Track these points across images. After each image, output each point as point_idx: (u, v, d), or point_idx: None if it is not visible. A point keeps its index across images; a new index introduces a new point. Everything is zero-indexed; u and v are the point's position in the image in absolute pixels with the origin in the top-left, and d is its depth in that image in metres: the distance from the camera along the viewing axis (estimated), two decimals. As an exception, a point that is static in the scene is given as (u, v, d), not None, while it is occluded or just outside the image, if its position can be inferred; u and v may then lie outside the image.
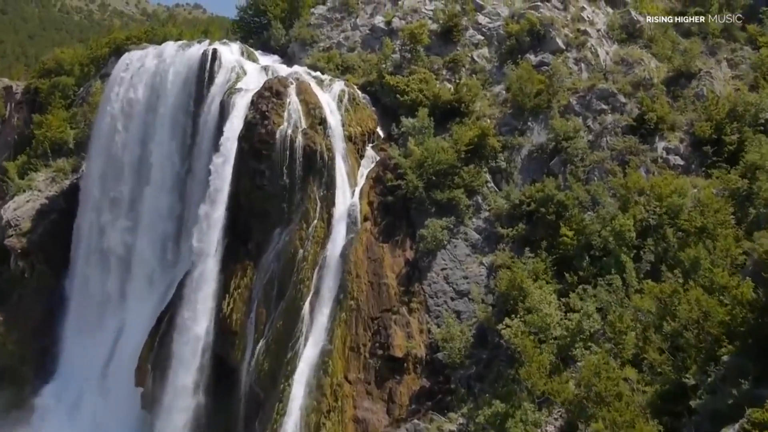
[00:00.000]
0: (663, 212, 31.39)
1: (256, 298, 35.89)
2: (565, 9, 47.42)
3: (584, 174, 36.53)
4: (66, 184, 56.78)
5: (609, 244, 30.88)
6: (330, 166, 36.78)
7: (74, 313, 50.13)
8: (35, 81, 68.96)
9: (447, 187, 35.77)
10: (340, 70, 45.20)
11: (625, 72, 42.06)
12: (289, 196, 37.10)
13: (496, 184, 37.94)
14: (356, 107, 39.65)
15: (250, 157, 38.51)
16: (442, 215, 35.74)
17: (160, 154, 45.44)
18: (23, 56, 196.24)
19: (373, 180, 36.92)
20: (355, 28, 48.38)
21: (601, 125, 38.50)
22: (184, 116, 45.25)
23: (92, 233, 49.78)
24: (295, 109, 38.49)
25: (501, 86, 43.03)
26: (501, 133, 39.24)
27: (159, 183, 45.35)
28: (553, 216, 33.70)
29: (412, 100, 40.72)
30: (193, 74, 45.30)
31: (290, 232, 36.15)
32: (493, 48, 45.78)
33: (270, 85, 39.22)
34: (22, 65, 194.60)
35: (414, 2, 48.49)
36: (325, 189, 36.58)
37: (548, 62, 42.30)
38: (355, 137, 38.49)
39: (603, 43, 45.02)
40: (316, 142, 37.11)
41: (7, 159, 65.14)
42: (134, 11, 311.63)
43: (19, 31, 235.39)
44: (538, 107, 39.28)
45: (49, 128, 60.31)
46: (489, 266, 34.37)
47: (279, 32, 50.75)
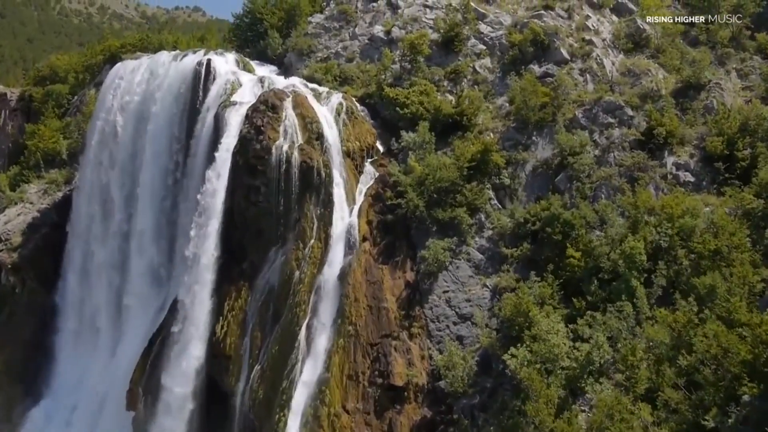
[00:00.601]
0: (675, 233, 30.02)
1: (251, 321, 34.58)
2: (570, 18, 46.14)
3: (591, 191, 35.19)
4: (58, 197, 55.49)
5: (618, 267, 29.54)
6: (327, 184, 35.47)
7: (67, 330, 48.97)
8: (30, 88, 67.77)
9: (449, 206, 34.44)
10: (338, 82, 43.90)
11: (632, 83, 40.73)
12: (285, 214, 35.80)
13: (500, 201, 36.61)
14: (355, 121, 38.33)
15: (245, 173, 37.25)
16: (443, 235, 34.42)
17: (153, 168, 44.20)
18: (21, 60, 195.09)
19: (372, 198, 35.59)
20: (353, 38, 47.07)
21: (608, 139, 37.16)
22: (177, 129, 44.04)
23: (84, 248, 48.55)
24: (291, 123, 37.20)
25: (504, 98, 41.72)
26: (504, 148, 37.92)
27: (152, 197, 44.12)
28: (559, 236, 32.36)
29: (412, 113, 39.41)
30: (186, 86, 44.10)
31: (286, 252, 34.83)
32: (495, 58, 44.48)
33: (265, 99, 37.93)
34: (20, 69, 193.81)
35: (414, 11, 47.18)
36: (322, 207, 35.27)
37: (553, 73, 41.00)
38: (353, 153, 37.18)
39: (609, 53, 43.71)
40: (313, 158, 35.80)
41: (2, 167, 64.18)
42: (133, 14, 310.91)
43: (17, 34, 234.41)
44: (542, 121, 37.97)
45: (42, 139, 59.08)
46: (493, 288, 33.03)
47: (275, 42, 49.45)
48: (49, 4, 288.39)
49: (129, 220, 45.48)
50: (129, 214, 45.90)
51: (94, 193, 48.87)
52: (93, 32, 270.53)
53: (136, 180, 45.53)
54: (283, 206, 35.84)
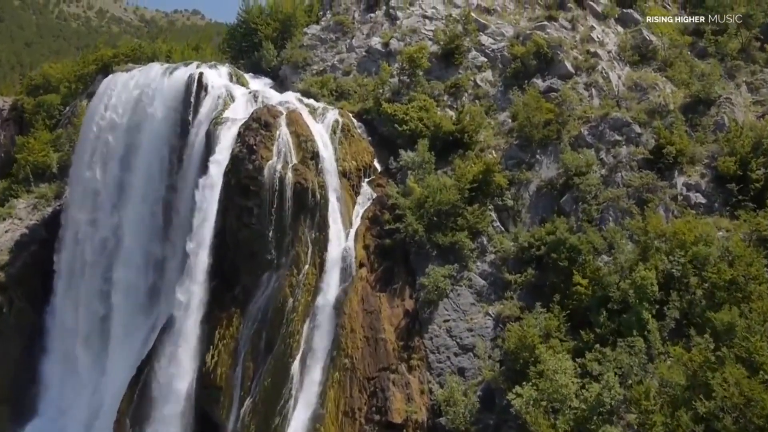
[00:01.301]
0: (687, 261, 28.49)
1: (243, 350, 33.04)
2: (574, 29, 44.66)
3: (598, 213, 33.69)
4: (48, 212, 53.96)
5: (629, 297, 28.01)
6: (322, 206, 33.98)
7: (55, 351, 47.39)
8: (22, 97, 66.29)
9: (449, 229, 32.95)
10: (335, 96, 42.40)
11: (639, 98, 39.25)
12: (279, 237, 34.28)
13: (503, 222, 35.11)
14: (351, 139, 36.83)
15: (237, 194, 35.74)
16: (444, 260, 32.92)
17: (144, 186, 42.70)
18: (18, 65, 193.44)
19: (369, 221, 34.09)
20: (350, 50, 45.57)
21: (615, 158, 35.66)
22: (168, 146, 42.54)
23: (73, 266, 46.99)
24: (285, 141, 35.71)
25: (506, 113, 40.23)
26: (507, 167, 36.42)
27: (142, 215, 42.59)
28: (565, 262, 30.86)
29: (411, 130, 37.91)
30: (178, 101, 42.61)
31: (279, 278, 33.32)
32: (497, 71, 42.98)
33: (258, 116, 36.43)
34: (17, 75, 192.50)
35: (413, 22, 45.70)
36: (317, 231, 33.77)
37: (557, 88, 39.51)
38: (349, 173, 35.68)
39: (614, 65, 42.22)
40: (308, 179, 34.31)
41: None
42: (132, 18, 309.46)
43: (15, 39, 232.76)
44: (546, 138, 36.51)
45: (31, 152, 57.59)
46: (495, 317, 31.52)
47: (270, 54, 47.97)
48: (48, 7, 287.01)
49: (118, 239, 43.91)
50: (118, 232, 44.39)
51: (83, 209, 47.33)
52: (91, 36, 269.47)
53: (126, 197, 44.06)
54: (277, 229, 34.33)
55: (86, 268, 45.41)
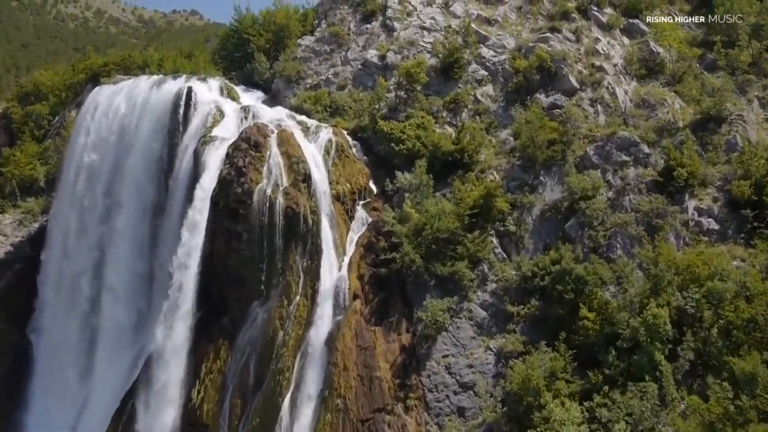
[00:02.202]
0: (702, 297, 26.76)
1: (231, 385, 31.35)
2: (578, 41, 42.89)
3: (605, 239, 31.97)
4: (34, 228, 52.16)
5: (639, 336, 26.27)
6: (314, 232, 32.27)
7: (41, 376, 45.48)
8: (13, 105, 64.53)
9: (448, 258, 31.22)
10: (329, 112, 40.65)
11: (647, 115, 37.53)
12: (269, 264, 32.59)
13: (504, 248, 33.37)
14: (345, 160, 35.13)
15: (226, 217, 34.10)
16: (442, 289, 31.21)
17: (130, 206, 40.96)
18: (14, 68, 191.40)
19: (364, 248, 32.38)
20: (345, 63, 43.81)
21: (622, 180, 33.93)
22: (156, 164, 40.81)
23: (59, 287, 45.30)
24: (275, 163, 34.03)
25: (508, 131, 38.50)
26: (509, 189, 34.70)
27: (128, 236, 40.80)
28: (571, 294, 29.17)
29: (408, 150, 36.20)
30: (166, 116, 40.89)
31: (269, 310, 31.62)
32: (498, 85, 41.24)
33: (248, 136, 34.73)
34: (13, 77, 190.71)
35: (411, 33, 43.93)
36: (309, 259, 32.06)
37: (561, 105, 37.79)
38: (343, 196, 33.96)
39: (621, 80, 40.47)
40: (299, 204, 32.59)
41: None
42: (130, 18, 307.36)
43: (12, 40, 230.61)
44: (550, 159, 34.80)
45: (17, 165, 55.88)
46: (497, 352, 29.79)
47: (263, 66, 46.21)
48: (45, 8, 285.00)
49: (105, 260, 42.20)
50: (105, 252, 42.68)
51: (69, 226, 45.67)
52: (89, 37, 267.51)
53: (113, 217, 42.33)
54: (267, 256, 32.64)
55: (70, 289, 43.83)
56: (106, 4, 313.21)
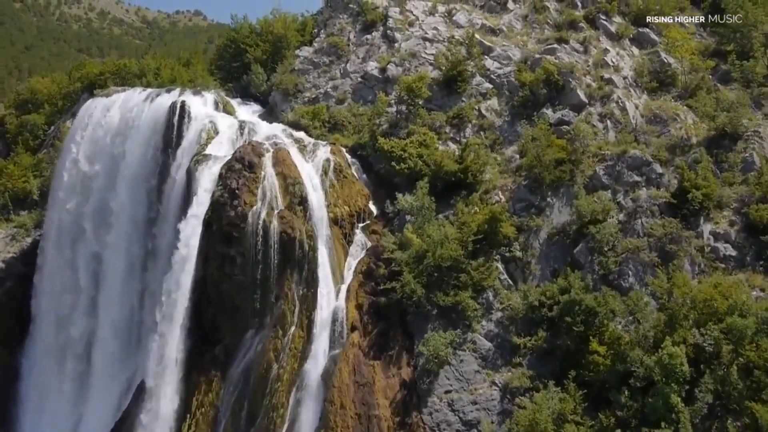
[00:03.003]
0: (720, 333, 25.17)
1: (223, 419, 29.95)
2: (586, 51, 41.31)
3: (616, 265, 30.41)
4: (27, 243, 50.62)
5: (654, 375, 24.70)
6: (311, 258, 30.80)
7: (31, 398, 44.21)
8: (9, 113, 63.22)
9: (451, 287, 29.72)
10: (327, 128, 39.13)
11: (659, 131, 36.01)
12: (263, 292, 31.17)
13: (510, 274, 31.84)
14: (343, 181, 33.62)
15: (219, 241, 32.71)
16: (445, 319, 29.72)
17: (124, 223, 39.59)
18: (16, 70, 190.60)
19: (363, 275, 30.87)
20: (345, 75, 42.25)
21: (634, 202, 32.34)
22: (149, 181, 39.46)
23: (50, 305, 43.91)
24: (270, 184, 32.57)
25: (514, 147, 36.94)
26: (515, 211, 33.14)
27: (120, 258, 39.47)
28: (581, 326, 27.61)
29: (410, 169, 34.71)
30: (159, 131, 39.65)
31: (263, 340, 30.18)
32: (503, 99, 39.65)
33: (241, 155, 33.27)
34: (15, 80, 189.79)
35: (412, 45, 42.35)
36: (305, 287, 30.59)
37: (569, 120, 36.21)
38: (341, 219, 32.45)
39: (631, 93, 38.87)
40: (295, 228, 31.12)
41: None
42: (134, 19, 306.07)
43: (15, 42, 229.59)
44: (558, 180, 33.18)
45: (10, 178, 54.56)
46: (503, 388, 28.27)
47: (259, 78, 44.71)
48: (49, 10, 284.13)
49: (97, 278, 40.84)
50: (96, 269, 41.32)
51: (61, 242, 44.30)
52: (92, 38, 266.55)
53: (105, 234, 40.93)
54: (261, 283, 31.20)
55: (65, 306, 42.50)
56: (110, 5, 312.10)
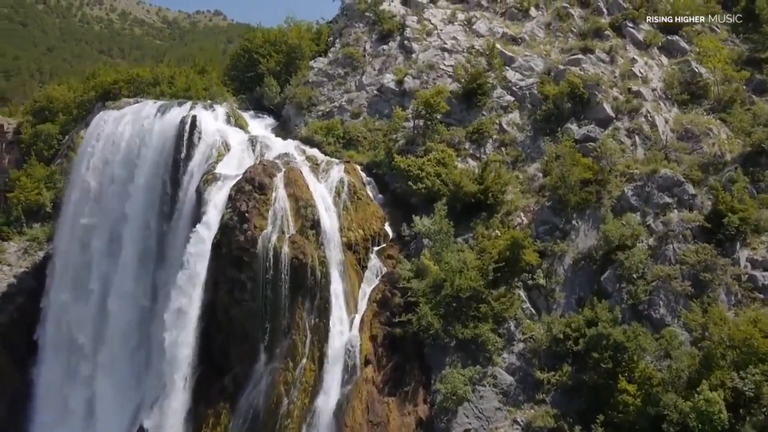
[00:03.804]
0: (761, 376, 23.36)
1: (232, 454, 28.62)
2: (612, 61, 39.43)
3: (646, 294, 28.63)
4: (39, 257, 50.12)
5: (689, 421, 22.96)
6: (323, 286, 29.40)
7: (41, 417, 43.48)
8: (26, 120, 62.77)
9: (471, 319, 28.15)
10: (342, 144, 37.70)
11: (690, 148, 34.15)
12: (273, 321, 29.87)
13: (533, 301, 30.19)
14: (358, 203, 32.18)
15: (229, 264, 31.48)
16: (464, 352, 28.15)
17: (131, 243, 38.59)
18: (38, 73, 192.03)
19: (378, 304, 29.42)
20: (360, 88, 40.77)
21: (665, 226, 30.49)
22: (160, 198, 38.44)
23: (60, 324, 43.06)
24: (281, 207, 31.23)
25: (536, 165, 35.25)
26: (538, 235, 31.46)
27: (130, 275, 38.47)
28: (608, 363, 25.90)
29: (427, 189, 33.19)
30: (170, 146, 38.53)
31: (273, 372, 28.86)
32: (525, 112, 37.94)
33: (252, 176, 31.96)
34: (37, 82, 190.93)
35: (430, 56, 40.73)
36: (317, 316, 29.21)
37: (595, 136, 34.39)
38: (355, 244, 31.03)
39: (660, 106, 36.96)
40: (307, 254, 29.73)
41: None
42: (155, 19, 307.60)
43: (38, 44, 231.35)
44: (584, 201, 31.41)
45: (23, 190, 53.94)
46: (525, 427, 26.67)
47: (272, 90, 43.41)
48: (71, 11, 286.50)
49: (106, 299, 39.80)
50: (107, 286, 40.31)
51: (71, 259, 43.47)
52: (114, 39, 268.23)
53: (115, 253, 39.94)
54: (271, 311, 29.89)
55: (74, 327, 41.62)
56: (131, 6, 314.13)
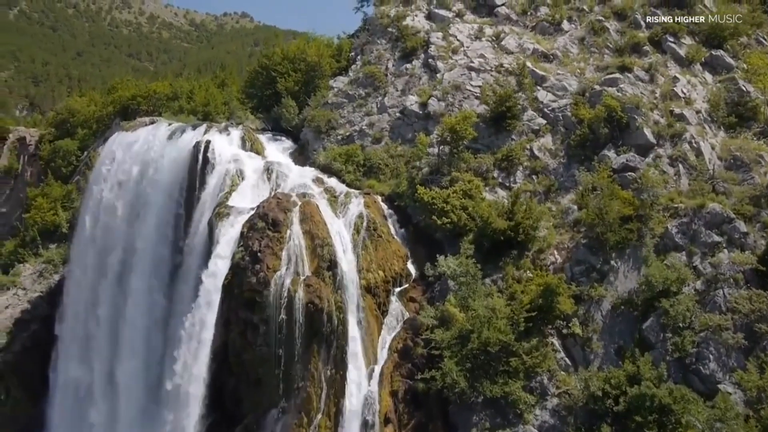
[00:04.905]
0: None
1: None
2: (652, 80, 36.69)
3: (693, 346, 26.00)
4: (54, 281, 49.30)
5: (748, 504, 20.45)
6: (340, 334, 27.34)
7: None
8: (48, 132, 62.03)
9: (500, 375, 25.79)
10: (362, 172, 35.60)
11: (740, 178, 31.35)
12: (287, 368, 27.94)
13: (567, 350, 27.73)
14: (378, 241, 30.00)
15: (241, 305, 29.61)
16: (493, 410, 25.86)
17: (145, 274, 37.09)
18: (66, 78, 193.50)
19: (399, 354, 27.27)
20: (382, 110, 38.58)
21: (714, 268, 27.80)
22: (173, 228, 36.93)
23: (71, 352, 41.72)
24: (296, 245, 29.23)
25: (571, 196, 32.75)
26: (573, 276, 28.97)
27: (142, 306, 36.98)
28: (654, 428, 23.37)
29: (453, 224, 30.93)
30: (182, 175, 37.06)
31: (286, 428, 26.80)
32: (558, 136, 35.45)
33: (265, 212, 30.00)
34: (65, 88, 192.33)
35: (456, 75, 38.35)
36: (334, 367, 27.15)
37: (635, 166, 31.76)
38: (375, 286, 28.87)
39: (706, 131, 34.18)
40: (323, 298, 27.68)
41: (18, 218, 58.77)
42: (182, 22, 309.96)
43: (67, 48, 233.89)
44: (624, 241, 28.84)
45: (39, 210, 52.97)
46: (560, 496, 24.26)
47: (291, 112, 41.45)
48: (101, 15, 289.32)
49: (118, 331, 38.30)
50: (119, 316, 38.82)
51: (83, 287, 42.11)
52: (142, 42, 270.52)
53: (126, 281, 38.49)
54: (285, 358, 27.90)
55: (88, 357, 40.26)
56: (159, 9, 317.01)
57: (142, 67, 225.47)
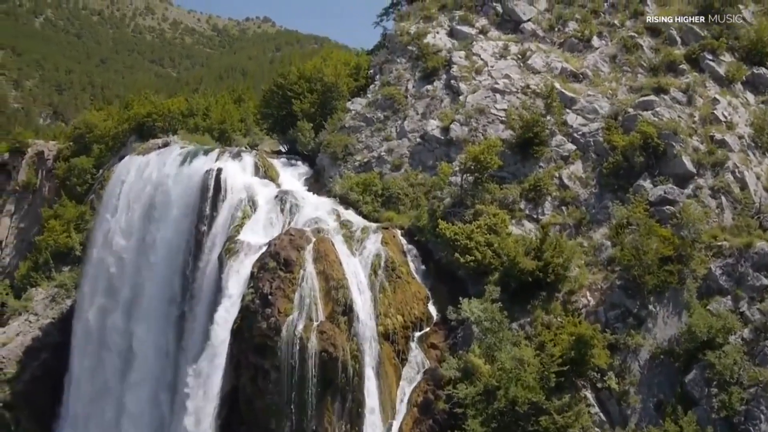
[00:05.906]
0: None
1: None
2: (690, 102, 34.29)
3: (741, 404, 23.73)
4: (66, 306, 47.97)
5: None
6: (356, 386, 25.51)
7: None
8: (66, 146, 61.09)
9: (529, 435, 23.70)
10: (380, 202, 33.70)
11: (789, 212, 28.90)
12: (299, 420, 26.06)
13: (602, 404, 25.58)
14: (397, 282, 28.08)
15: (252, 350, 27.83)
16: (521, 472, 23.74)
17: (152, 311, 35.75)
18: (90, 86, 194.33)
19: (419, 409, 25.33)
20: (401, 135, 36.65)
21: (763, 315, 25.47)
22: (182, 260, 35.32)
23: (81, 385, 40.45)
24: (309, 287, 27.44)
25: (604, 230, 30.56)
26: (608, 322, 26.81)
27: (153, 347, 35.55)
28: (700, 500, 21.18)
29: (477, 262, 28.90)
30: (193, 203, 35.51)
31: (299, 488, 24.99)
32: (589, 163, 33.25)
33: (277, 251, 28.25)
34: (88, 96, 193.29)
35: (480, 98, 36.29)
36: (349, 423, 25.36)
37: (673, 199, 29.48)
38: (393, 333, 26.95)
39: (750, 158, 31.82)
40: (338, 346, 25.84)
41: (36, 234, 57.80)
42: (205, 27, 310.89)
43: (91, 55, 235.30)
44: (664, 284, 26.59)
45: (52, 233, 51.83)
46: None
47: (306, 136, 39.65)
48: (124, 21, 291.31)
49: (127, 370, 36.92)
50: (129, 352, 37.45)
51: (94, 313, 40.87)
52: (165, 48, 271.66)
53: (135, 317, 37.07)
54: (297, 409, 26.07)
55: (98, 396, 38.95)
56: (182, 15, 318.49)
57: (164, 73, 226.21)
